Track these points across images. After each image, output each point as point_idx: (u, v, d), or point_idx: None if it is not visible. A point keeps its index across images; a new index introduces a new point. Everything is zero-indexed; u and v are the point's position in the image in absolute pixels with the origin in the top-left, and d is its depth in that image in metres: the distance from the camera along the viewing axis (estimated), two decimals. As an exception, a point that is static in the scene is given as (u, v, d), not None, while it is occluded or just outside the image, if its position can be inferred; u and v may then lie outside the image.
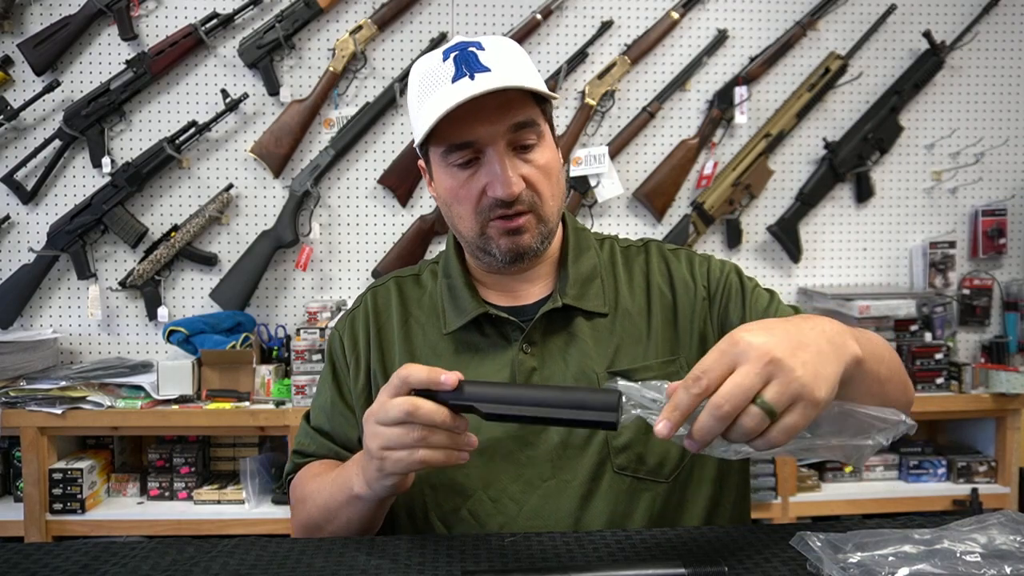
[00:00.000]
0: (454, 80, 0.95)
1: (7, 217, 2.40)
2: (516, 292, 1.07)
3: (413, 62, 2.42)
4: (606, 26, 2.49)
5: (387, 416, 0.81)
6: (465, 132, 0.96)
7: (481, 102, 0.94)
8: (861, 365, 0.76)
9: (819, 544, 0.71)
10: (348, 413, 1.08)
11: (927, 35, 2.54)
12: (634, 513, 0.97)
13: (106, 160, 2.37)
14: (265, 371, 2.24)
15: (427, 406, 0.80)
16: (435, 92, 0.96)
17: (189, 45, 2.37)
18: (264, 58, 2.39)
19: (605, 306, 1.05)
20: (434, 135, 0.98)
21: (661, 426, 0.68)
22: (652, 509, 0.98)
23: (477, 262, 1.07)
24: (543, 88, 0.99)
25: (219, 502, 2.20)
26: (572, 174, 2.46)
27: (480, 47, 0.97)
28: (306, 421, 1.12)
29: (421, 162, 1.08)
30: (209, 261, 2.44)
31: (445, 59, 0.97)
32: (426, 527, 1.01)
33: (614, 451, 0.98)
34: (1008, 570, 0.65)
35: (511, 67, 0.97)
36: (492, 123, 0.96)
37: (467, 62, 0.96)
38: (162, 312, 2.42)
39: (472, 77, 0.94)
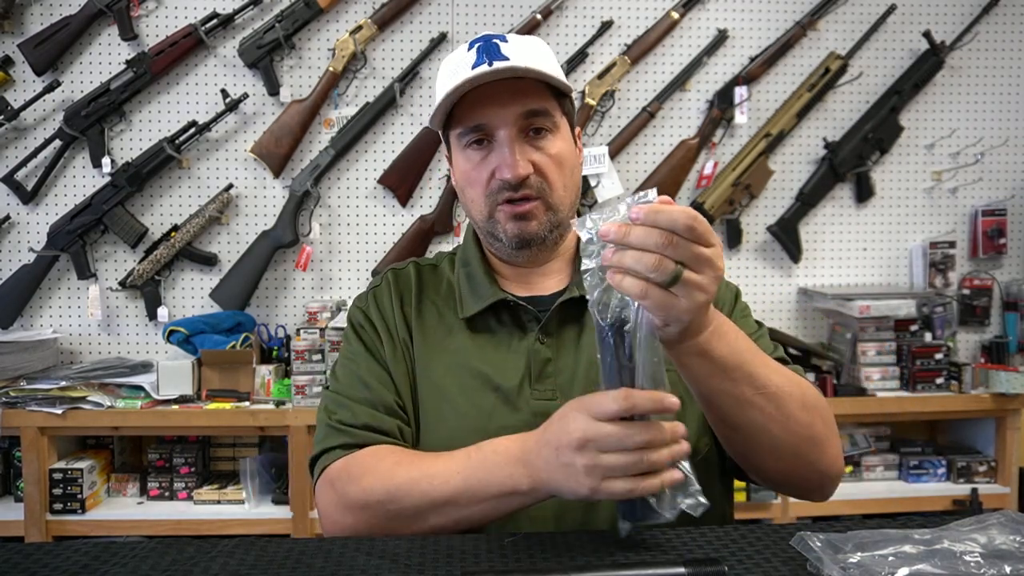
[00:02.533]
0: (474, 67, 0.99)
1: (7, 217, 2.40)
2: (532, 284, 1.09)
3: (413, 61, 2.45)
4: (606, 26, 2.49)
5: (620, 443, 0.76)
6: (478, 115, 1.00)
7: (497, 88, 0.99)
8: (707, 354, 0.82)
9: (819, 544, 0.71)
10: (387, 379, 1.04)
11: (927, 35, 2.54)
12: None
13: (106, 160, 2.37)
14: (265, 371, 2.24)
15: (663, 434, 0.76)
16: (456, 78, 1.00)
17: (189, 45, 2.37)
18: (264, 58, 2.39)
19: None
20: (453, 119, 1.03)
21: (610, 227, 0.72)
22: None
23: (490, 248, 1.09)
24: (561, 78, 1.02)
25: (219, 502, 2.20)
26: (572, 174, 2.46)
27: (504, 39, 1.02)
28: (340, 399, 1.04)
29: (447, 151, 1.12)
30: (209, 261, 2.44)
31: (470, 49, 1.02)
32: None
33: None
34: (1008, 570, 0.65)
35: (531, 59, 1.00)
36: (503, 107, 0.99)
37: (488, 51, 1.00)
38: (162, 312, 2.42)
39: (490, 64, 0.98)
